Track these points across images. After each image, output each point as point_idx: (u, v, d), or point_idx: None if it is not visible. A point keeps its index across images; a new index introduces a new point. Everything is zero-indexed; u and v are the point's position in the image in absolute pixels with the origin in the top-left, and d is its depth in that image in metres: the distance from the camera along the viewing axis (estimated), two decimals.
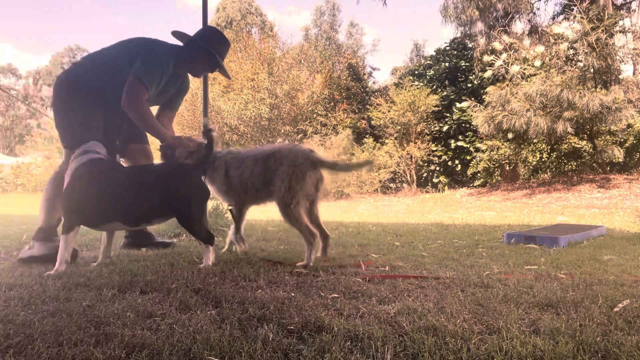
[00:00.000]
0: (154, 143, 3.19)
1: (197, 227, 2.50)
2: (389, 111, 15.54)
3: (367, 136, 17.20)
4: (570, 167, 12.76)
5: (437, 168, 16.02)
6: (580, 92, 9.81)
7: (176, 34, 2.98)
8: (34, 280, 2.09)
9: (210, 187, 2.97)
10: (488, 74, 12.40)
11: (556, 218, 6.53)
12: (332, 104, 19.22)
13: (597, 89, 10.50)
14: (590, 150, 11.71)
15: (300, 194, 2.66)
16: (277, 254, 3.04)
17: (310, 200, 2.82)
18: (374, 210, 9.39)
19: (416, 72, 18.80)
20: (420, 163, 15.53)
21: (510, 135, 11.31)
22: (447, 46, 18.07)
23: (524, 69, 11.71)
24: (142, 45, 2.84)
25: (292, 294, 1.89)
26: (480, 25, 16.04)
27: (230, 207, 2.98)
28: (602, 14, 10.39)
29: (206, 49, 2.91)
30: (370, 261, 2.74)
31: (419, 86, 16.43)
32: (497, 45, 12.45)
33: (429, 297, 1.89)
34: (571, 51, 11.45)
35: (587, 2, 11.65)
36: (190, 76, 3.20)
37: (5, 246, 3.24)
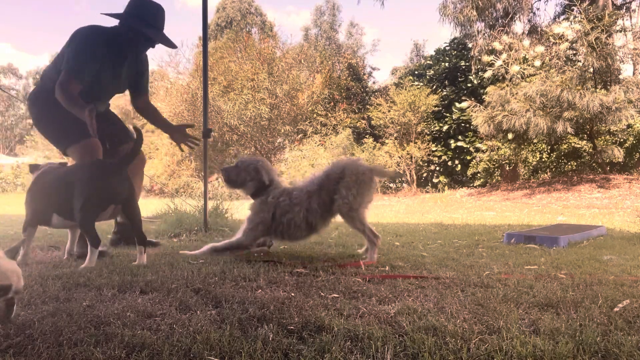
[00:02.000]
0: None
1: (90, 228, 2.47)
2: (389, 111, 15.54)
3: (367, 136, 17.20)
4: (570, 167, 12.77)
5: (437, 168, 16.03)
6: (580, 93, 9.81)
7: (108, 15, 2.82)
8: (34, 281, 2.08)
9: (251, 212, 2.90)
10: (488, 74, 12.41)
11: (556, 218, 6.53)
12: (332, 104, 19.23)
13: (597, 89, 10.50)
14: (590, 150, 11.71)
15: (365, 200, 2.84)
16: (277, 253, 3.04)
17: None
18: (374, 210, 9.39)
19: (416, 72, 18.81)
20: (420, 163, 15.54)
21: (510, 136, 11.31)
22: (447, 46, 18.07)
23: (524, 69, 11.71)
24: (73, 36, 2.77)
25: (292, 294, 1.89)
26: (478, 25, 16.02)
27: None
28: (602, 14, 10.40)
29: (135, 28, 2.74)
30: (370, 261, 2.74)
31: (419, 86, 16.44)
32: (497, 45, 12.45)
33: (429, 297, 1.89)
34: (571, 51, 11.45)
35: (587, 2, 11.64)
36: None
37: (5, 246, 3.23)
